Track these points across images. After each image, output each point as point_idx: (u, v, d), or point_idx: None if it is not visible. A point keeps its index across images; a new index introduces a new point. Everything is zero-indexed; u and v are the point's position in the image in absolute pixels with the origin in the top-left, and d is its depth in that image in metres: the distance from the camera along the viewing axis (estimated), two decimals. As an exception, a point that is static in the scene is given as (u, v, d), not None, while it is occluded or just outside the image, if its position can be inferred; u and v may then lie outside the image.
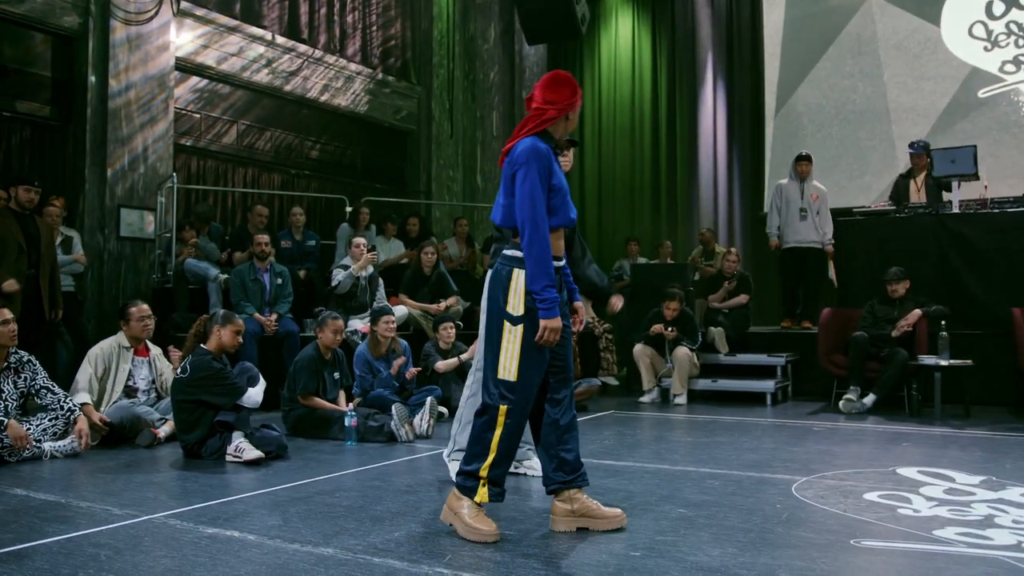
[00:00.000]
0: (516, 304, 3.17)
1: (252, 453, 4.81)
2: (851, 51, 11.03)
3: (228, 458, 4.86)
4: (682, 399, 7.75)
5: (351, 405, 5.92)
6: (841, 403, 7.10)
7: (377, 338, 6.49)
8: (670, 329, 7.87)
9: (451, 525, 3.26)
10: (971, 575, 2.77)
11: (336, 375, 6.08)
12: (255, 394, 5.13)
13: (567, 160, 3.97)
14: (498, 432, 3.17)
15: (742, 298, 8.66)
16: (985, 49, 10.31)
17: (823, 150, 10.88)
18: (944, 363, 6.69)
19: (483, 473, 3.20)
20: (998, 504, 3.73)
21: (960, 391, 6.91)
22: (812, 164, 9.03)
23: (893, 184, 8.90)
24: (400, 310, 7.75)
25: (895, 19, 10.77)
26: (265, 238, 7.55)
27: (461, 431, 4.19)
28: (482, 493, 3.20)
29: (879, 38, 10.86)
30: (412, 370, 6.56)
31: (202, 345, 5.14)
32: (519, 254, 3.20)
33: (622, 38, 13.11)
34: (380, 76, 11.70)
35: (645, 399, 7.88)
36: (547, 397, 3.33)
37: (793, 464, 4.73)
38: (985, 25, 10.32)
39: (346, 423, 5.56)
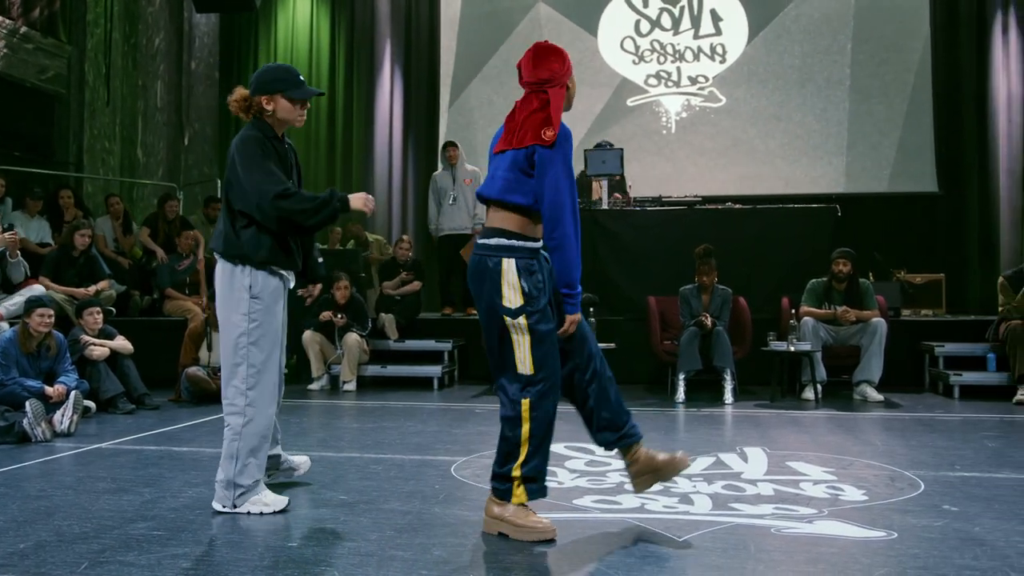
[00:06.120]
0: (512, 297, 3.01)
1: None
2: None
3: None
4: (351, 386, 7.74)
5: (-27, 403, 5.18)
6: (502, 385, 7.50)
7: (29, 332, 5.72)
8: (340, 316, 7.83)
9: (499, 534, 3.07)
10: (600, 536, 3.07)
11: (-48, 368, 5.30)
12: None
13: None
14: (525, 428, 3.01)
15: (415, 285, 8.82)
16: (633, 63, 11.42)
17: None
18: (592, 346, 7.32)
19: (516, 473, 3.03)
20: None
21: (605, 371, 7.60)
22: (459, 149, 9.45)
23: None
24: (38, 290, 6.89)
25: (559, 26, 11.54)
26: None
27: (240, 472, 3.35)
28: (518, 494, 3.04)
29: (544, 43, 11.57)
30: (59, 388, 5.57)
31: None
32: (504, 242, 3.05)
33: (300, 17, 12.76)
34: (22, 29, 10.37)
35: (314, 387, 7.77)
36: (575, 363, 3.18)
37: (454, 446, 4.93)
38: (634, 40, 11.43)
39: (-34, 423, 4.88)
